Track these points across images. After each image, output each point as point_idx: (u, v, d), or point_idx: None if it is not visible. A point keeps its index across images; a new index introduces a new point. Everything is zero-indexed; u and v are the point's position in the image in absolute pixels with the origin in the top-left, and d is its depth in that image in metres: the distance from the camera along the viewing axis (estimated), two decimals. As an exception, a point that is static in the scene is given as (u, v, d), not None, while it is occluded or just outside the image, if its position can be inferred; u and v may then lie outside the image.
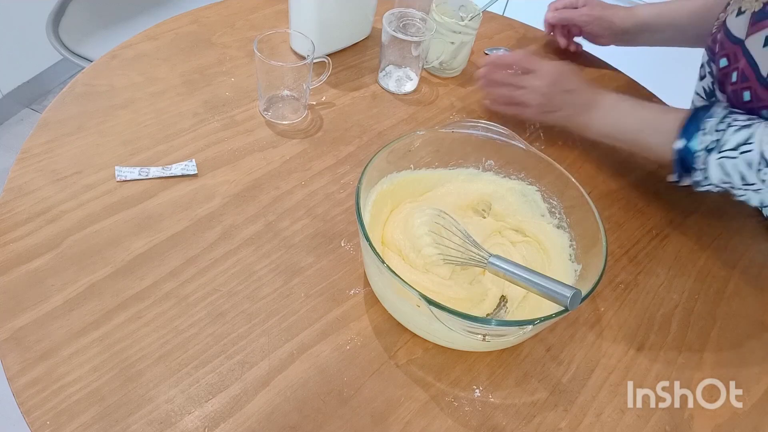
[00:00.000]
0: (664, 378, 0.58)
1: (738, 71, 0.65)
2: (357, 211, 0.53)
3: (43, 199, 0.62)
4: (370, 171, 0.57)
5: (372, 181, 0.59)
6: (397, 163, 0.63)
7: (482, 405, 0.54)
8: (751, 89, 0.63)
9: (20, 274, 0.56)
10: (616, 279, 0.66)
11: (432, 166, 0.66)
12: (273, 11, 0.95)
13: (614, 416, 0.55)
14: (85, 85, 0.76)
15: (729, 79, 0.67)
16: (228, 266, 0.60)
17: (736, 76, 0.65)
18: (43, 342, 0.52)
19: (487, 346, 0.56)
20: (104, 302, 0.55)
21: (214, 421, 0.49)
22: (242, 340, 0.55)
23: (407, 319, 0.56)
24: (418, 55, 0.82)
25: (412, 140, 0.62)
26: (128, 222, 0.62)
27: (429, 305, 0.47)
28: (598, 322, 0.62)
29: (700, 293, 0.66)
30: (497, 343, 0.55)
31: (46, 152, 0.67)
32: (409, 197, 0.65)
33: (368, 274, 0.59)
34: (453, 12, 0.84)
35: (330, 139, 0.76)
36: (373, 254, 0.49)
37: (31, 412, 0.48)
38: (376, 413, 0.52)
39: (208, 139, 0.72)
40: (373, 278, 0.57)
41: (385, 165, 0.61)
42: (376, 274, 0.55)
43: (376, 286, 0.58)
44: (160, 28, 0.87)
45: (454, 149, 0.66)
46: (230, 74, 0.82)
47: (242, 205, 0.66)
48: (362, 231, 0.51)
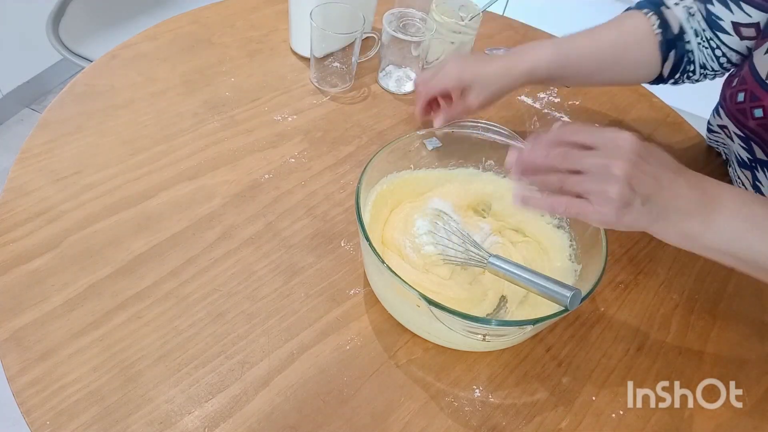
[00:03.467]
0: (664, 378, 0.58)
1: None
2: (357, 211, 0.53)
3: (43, 199, 0.62)
4: (370, 171, 0.57)
5: (372, 181, 0.59)
6: (396, 163, 0.63)
7: (482, 405, 0.54)
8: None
9: (20, 274, 0.56)
10: (616, 279, 0.66)
11: (432, 166, 0.66)
12: (273, 11, 0.95)
13: (614, 416, 0.55)
14: (85, 85, 0.76)
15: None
16: (228, 266, 0.60)
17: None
18: (43, 342, 0.52)
19: (487, 346, 0.56)
20: (104, 302, 0.55)
21: (214, 421, 0.49)
22: (242, 340, 0.55)
23: (407, 319, 0.56)
24: (418, 55, 0.82)
25: (411, 140, 0.62)
26: (128, 222, 0.62)
27: (429, 305, 0.47)
28: (598, 322, 0.62)
29: (700, 293, 0.66)
30: (497, 343, 0.55)
31: (46, 152, 0.67)
32: (409, 197, 0.65)
33: (368, 274, 0.59)
34: (453, 12, 0.84)
35: (330, 139, 0.76)
36: (373, 254, 0.49)
37: (31, 412, 0.48)
38: (376, 413, 0.52)
39: (208, 139, 0.72)
40: (373, 278, 0.57)
41: (385, 165, 0.61)
42: (376, 274, 0.55)
43: (376, 286, 0.58)
44: (160, 28, 0.87)
45: (454, 149, 0.66)
46: (230, 74, 0.82)
47: (242, 205, 0.66)
48: (362, 231, 0.51)
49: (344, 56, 0.83)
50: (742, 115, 0.68)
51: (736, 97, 0.68)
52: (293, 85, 0.82)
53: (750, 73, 0.66)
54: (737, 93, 0.69)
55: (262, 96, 0.80)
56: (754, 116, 0.66)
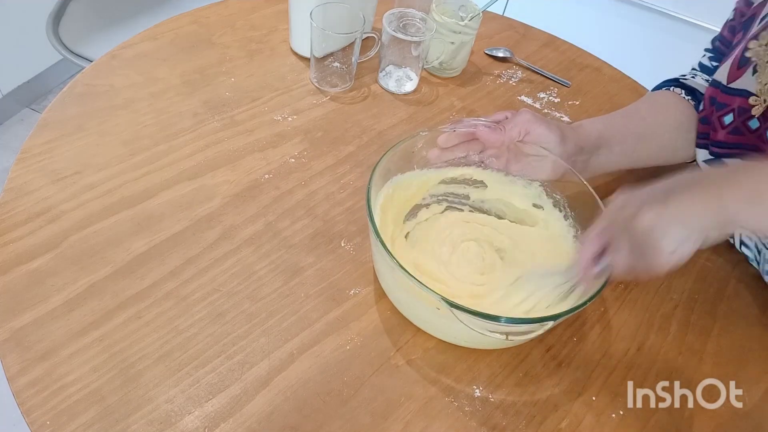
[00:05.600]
0: (664, 378, 0.58)
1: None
2: (369, 214, 0.53)
3: (43, 199, 0.62)
4: (378, 175, 0.57)
5: (378, 185, 0.59)
6: (401, 164, 0.62)
7: (482, 405, 0.54)
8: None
9: (20, 274, 0.56)
10: (616, 279, 0.66)
11: (435, 165, 0.66)
12: (273, 11, 0.95)
13: (614, 416, 0.55)
14: (85, 85, 0.76)
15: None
16: (228, 266, 0.60)
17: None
18: (43, 342, 0.52)
19: (508, 343, 0.56)
20: (104, 302, 0.55)
21: (214, 421, 0.49)
22: (242, 340, 0.55)
23: (424, 320, 0.56)
24: (418, 55, 0.82)
25: (416, 141, 0.62)
26: (128, 222, 0.62)
27: (451, 308, 0.47)
28: (598, 322, 0.62)
29: (700, 293, 0.66)
30: (519, 340, 0.55)
31: (46, 152, 0.67)
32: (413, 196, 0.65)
33: (380, 275, 0.59)
34: (453, 12, 0.84)
35: (330, 139, 0.76)
36: (388, 258, 0.49)
37: (31, 412, 0.48)
38: (376, 413, 0.52)
39: (208, 139, 0.72)
40: (386, 281, 0.57)
41: (391, 167, 0.61)
42: (389, 276, 0.55)
43: (388, 287, 0.58)
44: (160, 28, 0.87)
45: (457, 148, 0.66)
46: (230, 74, 0.82)
47: (242, 205, 0.66)
48: (375, 234, 0.51)
49: (344, 56, 0.83)
50: (713, 131, 0.67)
51: (700, 123, 0.69)
52: (293, 85, 0.82)
53: (712, 91, 0.66)
54: (700, 119, 0.69)
55: (262, 96, 0.80)
56: (725, 124, 0.65)
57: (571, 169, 0.60)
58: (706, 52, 0.74)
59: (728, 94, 0.64)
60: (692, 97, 0.72)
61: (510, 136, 0.62)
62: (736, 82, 0.64)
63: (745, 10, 0.68)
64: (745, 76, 0.63)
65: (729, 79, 0.64)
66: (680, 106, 0.72)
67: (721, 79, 0.65)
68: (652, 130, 0.71)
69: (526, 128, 0.62)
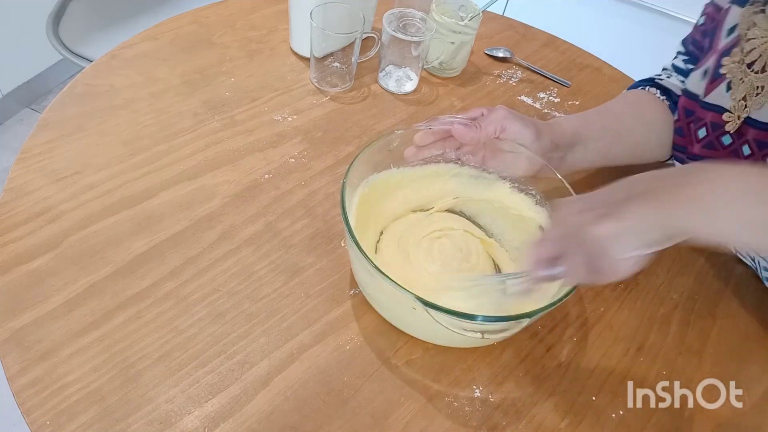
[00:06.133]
0: (664, 378, 0.58)
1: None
2: (343, 215, 0.52)
3: (43, 199, 0.62)
4: (352, 174, 0.56)
5: (354, 185, 0.58)
6: (377, 163, 0.62)
7: (482, 405, 0.54)
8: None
9: (20, 274, 0.56)
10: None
11: (411, 164, 0.65)
12: (273, 11, 0.95)
13: (614, 416, 0.55)
14: (85, 85, 0.76)
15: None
16: (228, 266, 0.60)
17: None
18: (43, 342, 0.52)
19: (485, 342, 0.56)
20: (104, 302, 0.55)
21: (214, 421, 0.49)
22: (242, 340, 0.55)
23: (405, 323, 0.56)
24: (418, 55, 0.82)
25: (390, 139, 0.62)
26: (128, 222, 0.62)
27: (426, 307, 0.47)
28: (598, 322, 0.62)
29: (700, 293, 0.66)
30: (495, 338, 0.55)
31: (46, 152, 0.67)
32: (392, 195, 0.65)
33: (359, 280, 0.58)
34: (453, 12, 0.84)
35: (330, 139, 0.76)
36: (364, 259, 0.49)
37: (31, 412, 0.48)
38: (376, 413, 0.52)
39: (208, 139, 0.72)
40: (365, 284, 0.57)
41: (366, 166, 0.60)
42: (366, 278, 0.55)
43: (367, 291, 0.57)
44: (160, 28, 0.87)
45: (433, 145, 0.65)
46: (230, 74, 0.82)
47: (242, 205, 0.66)
48: (350, 236, 0.50)
49: (344, 56, 0.83)
50: (689, 144, 0.67)
51: (676, 134, 0.69)
52: (293, 85, 0.83)
53: (687, 103, 0.66)
54: (675, 130, 0.69)
55: (262, 96, 0.80)
56: (699, 138, 0.65)
57: (547, 164, 0.60)
58: (680, 55, 0.74)
59: (704, 108, 0.64)
60: (667, 97, 0.72)
61: (486, 133, 0.61)
62: (709, 96, 0.64)
63: (715, 15, 0.67)
64: (718, 92, 0.63)
65: (705, 93, 0.64)
66: (655, 106, 0.72)
67: (698, 92, 0.65)
68: (627, 128, 0.71)
69: (502, 125, 0.61)
